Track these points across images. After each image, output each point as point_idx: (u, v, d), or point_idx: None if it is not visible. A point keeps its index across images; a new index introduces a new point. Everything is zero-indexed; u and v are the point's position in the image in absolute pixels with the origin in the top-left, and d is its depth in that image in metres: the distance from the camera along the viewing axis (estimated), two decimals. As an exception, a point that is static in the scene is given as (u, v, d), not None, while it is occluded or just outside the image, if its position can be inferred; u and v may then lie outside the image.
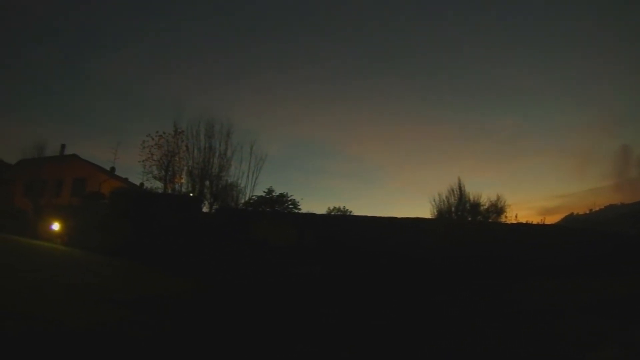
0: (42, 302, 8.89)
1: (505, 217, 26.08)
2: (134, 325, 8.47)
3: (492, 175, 63.28)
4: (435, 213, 26.60)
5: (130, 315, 9.30)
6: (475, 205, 26.15)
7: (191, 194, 24.95)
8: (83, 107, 71.63)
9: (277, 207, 27.15)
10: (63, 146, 37.83)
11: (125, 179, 36.72)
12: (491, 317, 11.27)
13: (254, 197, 27.03)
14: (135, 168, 28.91)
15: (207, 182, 25.16)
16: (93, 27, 67.49)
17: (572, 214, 74.21)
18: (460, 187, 26.34)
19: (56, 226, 24.20)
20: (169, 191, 25.39)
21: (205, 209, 24.87)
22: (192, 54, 68.75)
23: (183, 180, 25.58)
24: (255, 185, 26.55)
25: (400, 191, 66.21)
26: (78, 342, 6.51)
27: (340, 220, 27.74)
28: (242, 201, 26.36)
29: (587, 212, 77.37)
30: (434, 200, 26.76)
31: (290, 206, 27.59)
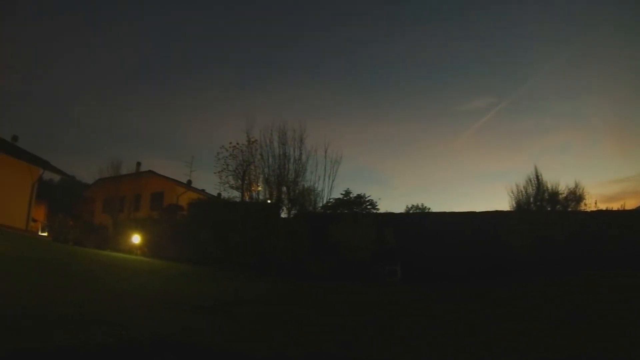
0: (126, 310, 9.05)
1: (585, 204, 24.46)
2: (217, 329, 8.35)
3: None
4: (514, 205, 25.10)
5: (213, 320, 9.22)
6: (554, 194, 24.66)
7: (269, 201, 25.03)
8: (157, 126, 73.16)
9: (355, 208, 27.02)
10: (139, 164, 39.41)
11: (202, 191, 37.37)
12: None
13: (331, 200, 26.97)
14: (212, 179, 29.57)
15: (284, 188, 25.11)
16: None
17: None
18: (537, 176, 24.91)
19: (137, 239, 24.79)
20: (247, 199, 25.65)
21: (283, 215, 24.95)
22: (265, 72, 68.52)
23: (260, 188, 25.75)
24: (332, 188, 26.10)
25: (474, 181, 62.69)
26: (163, 348, 6.51)
27: (418, 218, 27.75)
28: (320, 205, 26.13)
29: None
30: (512, 192, 25.20)
31: (369, 207, 27.45)
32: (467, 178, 64.13)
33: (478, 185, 64.26)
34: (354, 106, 61.27)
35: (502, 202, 70.77)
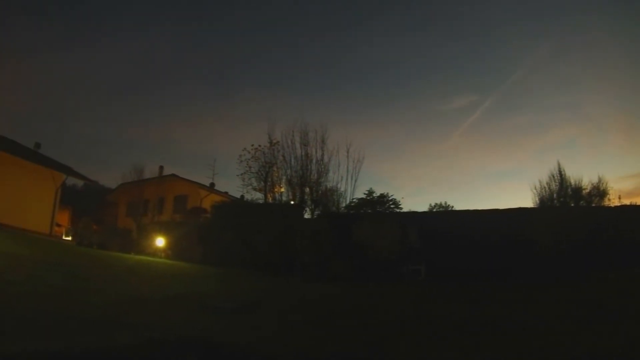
0: (150, 312, 9.08)
1: (609, 199, 23.75)
2: (241, 330, 8.32)
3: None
4: (537, 201, 24.61)
5: (236, 321, 9.21)
6: (577, 190, 24.15)
7: (292, 202, 24.91)
8: (177, 131, 73.57)
9: (378, 208, 26.67)
10: (161, 168, 39.02)
11: (225, 193, 37.23)
12: None
13: (354, 200, 26.60)
14: (235, 182, 29.58)
15: (307, 189, 24.97)
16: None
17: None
18: (560, 172, 24.39)
19: (161, 241, 24.66)
20: (270, 201, 25.62)
21: (307, 216, 24.76)
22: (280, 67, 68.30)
23: (283, 189, 25.68)
24: (355, 188, 25.90)
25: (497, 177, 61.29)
26: (187, 348, 6.49)
27: (441, 216, 27.31)
28: (344, 205, 25.88)
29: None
30: (535, 188, 24.66)
31: (392, 206, 27.02)
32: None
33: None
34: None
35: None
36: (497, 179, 61.83)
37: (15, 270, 11.17)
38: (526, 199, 59.85)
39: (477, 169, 62.29)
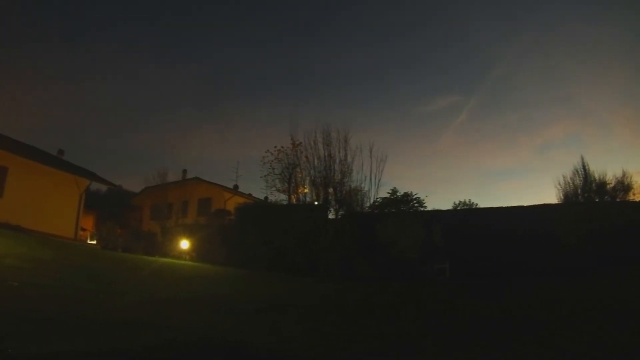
0: (175, 313, 9.04)
1: (634, 194, 23.33)
2: (267, 332, 8.18)
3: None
4: (561, 197, 24.35)
5: (262, 322, 9.04)
6: (601, 185, 23.84)
7: (316, 203, 24.90)
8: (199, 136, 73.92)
9: (402, 207, 26.94)
10: (185, 171, 39.53)
11: (249, 195, 37.41)
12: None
13: (378, 199, 26.69)
14: (259, 184, 29.69)
15: (331, 189, 24.87)
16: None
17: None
18: (584, 167, 24.23)
19: (185, 244, 24.77)
20: (294, 202, 25.74)
21: (331, 216, 24.68)
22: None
23: (307, 190, 25.78)
24: (378, 188, 25.55)
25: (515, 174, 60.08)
26: (212, 350, 6.46)
27: (465, 214, 27.03)
28: (368, 204, 25.69)
29: None
30: (559, 184, 24.40)
31: (416, 205, 27.39)
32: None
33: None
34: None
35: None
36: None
37: (41, 273, 11.19)
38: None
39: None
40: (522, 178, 60.92)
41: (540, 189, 78.34)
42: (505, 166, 58.49)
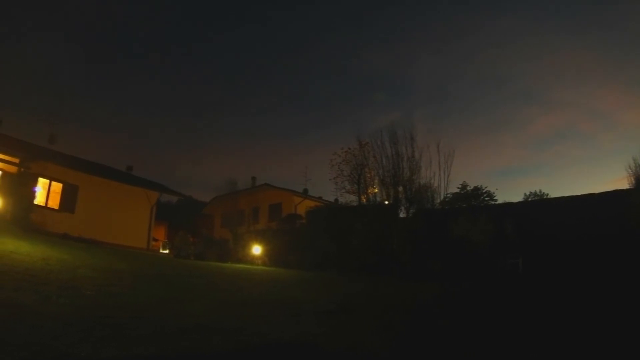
0: (247, 318, 8.98)
1: None
2: (338, 334, 8.12)
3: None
4: (633, 182, 22.00)
5: (333, 325, 9.01)
6: None
7: (386, 202, 24.53)
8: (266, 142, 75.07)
9: (472, 201, 26.72)
10: (254, 178, 40.84)
11: (319, 198, 37.53)
12: None
13: (449, 195, 26.35)
14: (328, 185, 29.88)
15: (400, 188, 24.41)
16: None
17: None
18: None
19: (257, 249, 25.12)
20: (364, 202, 25.43)
21: (402, 215, 24.24)
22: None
23: (376, 190, 25.40)
24: (448, 183, 24.90)
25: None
26: (283, 354, 6.45)
27: (536, 206, 26.53)
28: (438, 201, 25.18)
29: None
30: (630, 167, 22.07)
31: (487, 199, 27.07)
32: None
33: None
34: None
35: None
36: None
37: (116, 283, 11.27)
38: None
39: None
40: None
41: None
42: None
